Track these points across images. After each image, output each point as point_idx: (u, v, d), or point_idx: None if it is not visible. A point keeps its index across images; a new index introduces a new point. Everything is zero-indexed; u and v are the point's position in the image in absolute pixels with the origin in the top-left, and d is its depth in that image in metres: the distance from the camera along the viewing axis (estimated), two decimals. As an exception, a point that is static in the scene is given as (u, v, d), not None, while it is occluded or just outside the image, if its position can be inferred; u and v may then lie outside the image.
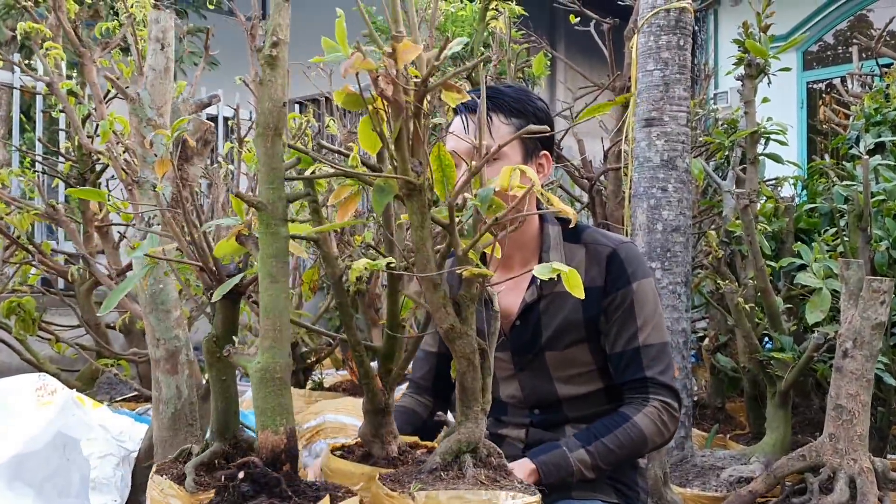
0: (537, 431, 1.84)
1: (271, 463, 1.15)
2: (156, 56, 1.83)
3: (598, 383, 1.81)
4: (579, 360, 1.79)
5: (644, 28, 3.17)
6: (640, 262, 1.80)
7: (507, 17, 3.35)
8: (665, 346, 1.77)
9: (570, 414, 1.81)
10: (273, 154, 1.19)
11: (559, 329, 1.77)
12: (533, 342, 1.80)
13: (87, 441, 1.94)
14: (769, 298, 2.82)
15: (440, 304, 1.22)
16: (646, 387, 1.73)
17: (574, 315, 1.76)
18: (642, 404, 1.72)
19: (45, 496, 1.98)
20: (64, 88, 2.79)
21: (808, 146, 8.80)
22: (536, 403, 1.85)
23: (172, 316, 1.88)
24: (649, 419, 1.70)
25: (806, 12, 8.84)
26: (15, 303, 2.75)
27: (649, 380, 1.73)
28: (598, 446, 1.67)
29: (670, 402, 1.74)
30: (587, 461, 1.65)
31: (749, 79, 3.22)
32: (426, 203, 1.18)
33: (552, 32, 9.73)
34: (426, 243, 1.19)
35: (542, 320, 1.79)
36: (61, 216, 2.79)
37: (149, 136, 1.81)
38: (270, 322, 1.18)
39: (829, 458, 2.15)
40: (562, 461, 1.64)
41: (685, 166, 3.13)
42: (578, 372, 1.80)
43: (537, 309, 1.79)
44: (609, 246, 1.79)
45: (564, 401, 1.81)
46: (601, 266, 1.76)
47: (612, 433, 1.69)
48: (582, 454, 1.66)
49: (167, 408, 1.89)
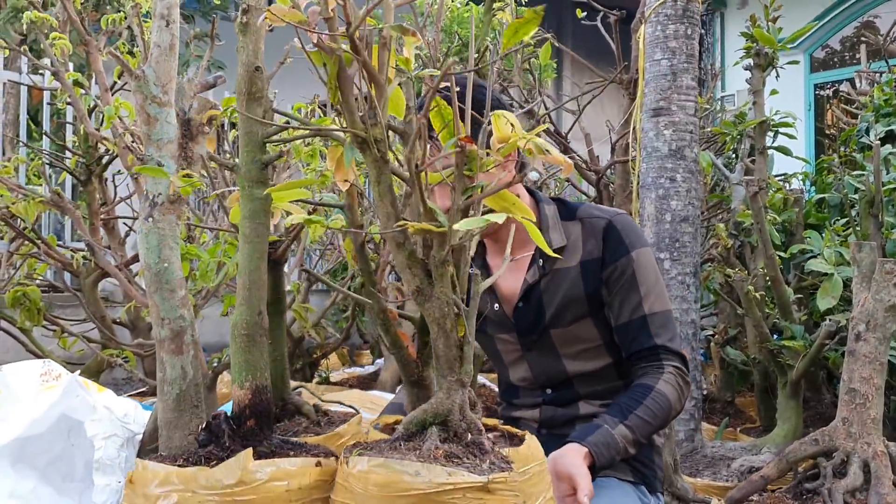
0: (549, 408, 1.81)
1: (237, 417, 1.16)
2: (161, 32, 1.81)
3: (607, 358, 1.78)
4: (585, 335, 1.77)
5: (651, 18, 3.16)
6: (636, 232, 1.78)
7: (512, 9, 3.34)
8: (669, 313, 1.75)
9: (581, 390, 1.79)
10: (248, 118, 1.17)
11: (562, 305, 1.75)
12: (537, 322, 1.78)
13: (91, 422, 1.91)
14: (779, 287, 2.80)
15: (405, 264, 1.17)
16: (658, 355, 1.71)
17: (575, 290, 1.74)
18: (659, 372, 1.69)
19: (48, 479, 1.96)
20: (70, 79, 2.78)
21: (815, 148, 8.78)
22: (547, 382, 1.82)
23: (177, 295, 1.85)
24: (671, 386, 1.67)
25: (811, 15, 8.83)
26: (20, 292, 2.74)
27: (660, 347, 1.70)
28: (633, 420, 1.62)
29: (682, 367, 1.72)
30: (629, 436, 1.60)
31: (758, 68, 3.21)
32: (380, 156, 1.14)
33: (559, 29, 9.72)
34: (384, 199, 1.16)
35: (545, 298, 1.77)
36: (66, 204, 2.78)
37: (153, 113, 1.80)
38: (243, 280, 1.17)
39: (843, 443, 2.13)
40: (609, 440, 1.58)
41: (693, 156, 3.11)
42: (585, 348, 1.78)
43: (538, 288, 1.77)
44: (604, 217, 1.77)
45: (574, 377, 1.79)
46: (598, 238, 1.75)
47: (642, 405, 1.64)
48: (623, 430, 1.60)
49: (172, 388, 1.87)
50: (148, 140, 1.81)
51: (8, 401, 1.97)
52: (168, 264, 1.84)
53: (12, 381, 2.02)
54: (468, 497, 1.08)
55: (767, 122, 3.16)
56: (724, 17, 9.19)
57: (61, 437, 2.05)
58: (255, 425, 1.18)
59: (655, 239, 3.09)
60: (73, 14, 2.64)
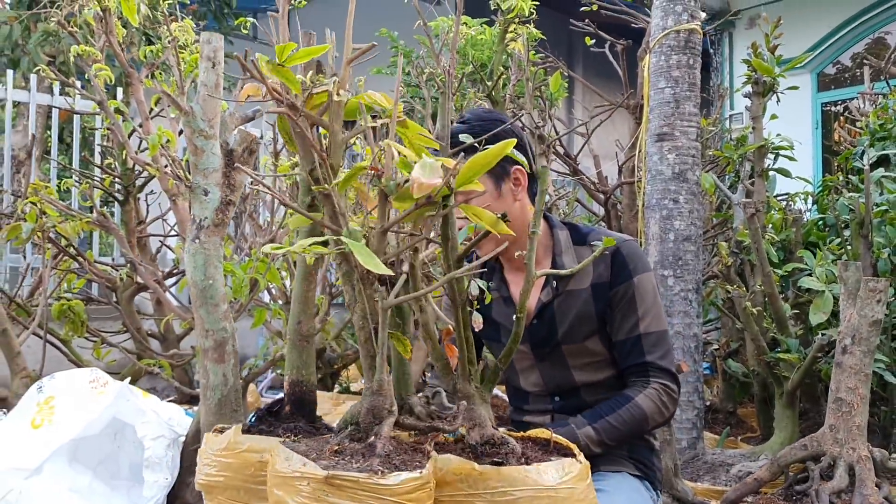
0: (561, 417, 1.99)
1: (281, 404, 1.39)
2: (207, 73, 2.01)
3: (612, 370, 1.97)
4: (593, 349, 1.95)
5: (655, 48, 3.35)
6: (640, 258, 1.96)
7: (525, 39, 3.53)
8: (664, 333, 1.93)
9: (587, 398, 1.97)
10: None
11: (573, 324, 1.93)
12: (550, 337, 1.96)
13: (141, 424, 2.10)
14: (776, 303, 2.97)
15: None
16: (646, 371, 1.89)
17: (586, 309, 1.92)
18: (643, 386, 1.88)
19: (100, 477, 2.16)
20: (112, 106, 2.99)
21: (823, 166, 8.91)
22: (556, 390, 2.01)
23: (220, 309, 2.04)
24: (650, 399, 1.86)
25: (820, 34, 8.99)
26: (65, 305, 2.94)
27: (650, 364, 1.89)
28: (602, 424, 1.84)
29: (669, 384, 1.90)
30: (593, 437, 1.82)
31: (756, 96, 3.39)
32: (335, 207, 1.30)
33: (570, 55, 9.95)
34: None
35: (557, 317, 1.95)
36: (110, 224, 2.99)
37: (200, 145, 1.99)
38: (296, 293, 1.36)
39: (830, 448, 2.29)
40: (570, 436, 1.78)
41: (696, 178, 3.29)
42: (592, 360, 1.96)
43: (552, 307, 1.95)
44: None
45: (582, 387, 1.97)
46: (607, 263, 1.92)
47: (615, 412, 1.86)
48: (588, 430, 1.83)
49: (214, 394, 2.05)
50: (195, 169, 2.01)
51: (63, 405, 2.16)
52: (213, 281, 2.04)
53: (66, 388, 2.21)
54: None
55: (766, 147, 3.33)
56: (733, 38, 9.37)
57: (110, 439, 2.24)
58: (290, 411, 1.39)
59: (659, 257, 3.26)
60: (117, 48, 2.85)
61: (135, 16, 2.85)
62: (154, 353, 3.14)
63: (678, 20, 3.30)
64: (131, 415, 2.14)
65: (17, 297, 3.21)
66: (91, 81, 3.01)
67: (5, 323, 2.74)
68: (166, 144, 2.65)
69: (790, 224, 3.49)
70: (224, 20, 9.34)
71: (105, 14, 2.82)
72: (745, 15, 9.20)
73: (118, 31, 2.95)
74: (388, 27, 6.11)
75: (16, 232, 2.81)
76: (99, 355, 3.42)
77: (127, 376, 3.27)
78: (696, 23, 3.30)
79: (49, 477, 1.99)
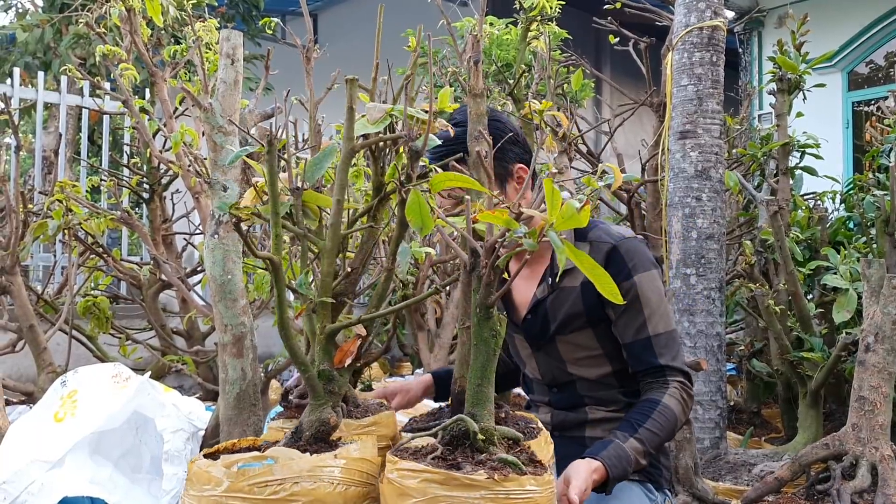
0: (560, 413, 1.99)
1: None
2: (226, 70, 2.03)
3: (607, 367, 1.94)
4: (586, 344, 1.94)
5: (678, 46, 3.33)
6: (640, 256, 1.91)
7: (547, 37, 3.52)
8: (672, 332, 1.90)
9: (583, 393, 1.96)
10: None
11: (564, 320, 1.93)
12: (543, 332, 1.96)
13: (161, 418, 2.12)
14: (800, 302, 2.94)
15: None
16: (663, 373, 1.87)
17: (576, 307, 1.91)
18: (664, 387, 1.85)
19: (121, 470, 2.18)
20: (137, 105, 3.03)
21: (853, 165, 8.79)
22: (553, 382, 2.00)
23: (239, 304, 2.06)
24: (675, 399, 1.84)
25: (850, 33, 8.87)
26: (91, 302, 2.98)
27: (665, 367, 1.86)
28: (643, 433, 1.78)
29: (686, 382, 1.88)
30: (640, 448, 1.76)
31: (781, 93, 3.35)
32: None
33: (598, 55, 9.92)
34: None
35: (549, 314, 1.95)
36: (135, 221, 3.03)
37: (219, 141, 2.01)
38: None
39: (852, 447, 2.27)
40: (621, 453, 1.73)
41: (719, 177, 3.26)
42: (587, 355, 1.94)
43: (545, 304, 1.95)
44: (609, 242, 1.91)
45: (577, 380, 1.96)
46: (601, 261, 1.87)
47: (650, 418, 1.80)
48: (634, 443, 1.76)
49: (233, 388, 2.07)
50: (214, 165, 2.03)
51: (85, 398, 2.18)
52: (231, 276, 2.06)
53: (88, 382, 2.24)
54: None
55: (790, 144, 3.30)
56: (762, 37, 9.27)
57: (131, 433, 2.27)
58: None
59: (682, 255, 3.24)
60: (142, 48, 2.89)
61: (159, 16, 2.88)
62: (179, 349, 3.17)
63: (701, 17, 3.28)
64: (152, 409, 2.16)
65: (45, 295, 3.26)
66: (117, 82, 3.05)
67: (32, 319, 2.78)
68: (189, 142, 2.68)
69: (815, 223, 3.45)
70: (252, 22, 9.42)
71: (130, 14, 2.86)
72: (774, 14, 9.11)
73: (143, 32, 2.99)
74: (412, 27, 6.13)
75: (42, 229, 2.86)
76: (125, 352, 3.46)
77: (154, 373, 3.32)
78: (720, 19, 3.27)
79: (71, 469, 2.02)
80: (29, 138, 7.82)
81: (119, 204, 3.05)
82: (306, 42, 2.00)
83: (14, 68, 5.33)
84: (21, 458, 1.99)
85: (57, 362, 2.82)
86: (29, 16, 8.36)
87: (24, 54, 7.83)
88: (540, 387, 2.05)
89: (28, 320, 2.78)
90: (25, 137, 7.96)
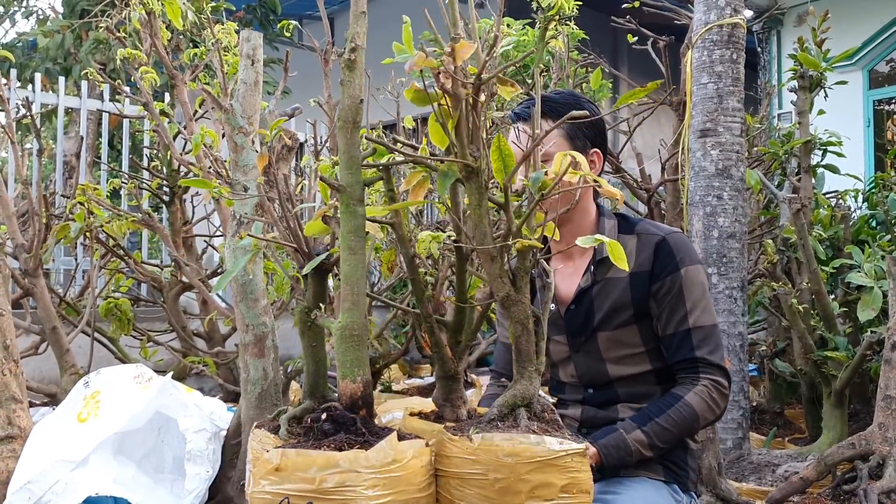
0: (590, 409, 1.97)
1: (349, 407, 1.33)
2: (247, 71, 2.04)
3: (647, 365, 1.93)
4: (628, 341, 1.92)
5: (698, 43, 3.31)
6: (688, 250, 1.92)
7: (565, 37, 3.51)
8: (714, 327, 1.88)
9: (621, 392, 1.94)
10: (352, 143, 1.37)
11: (609, 311, 1.91)
12: (586, 324, 1.94)
13: (183, 418, 2.13)
14: (823, 300, 2.91)
15: (497, 274, 1.37)
16: (696, 367, 1.85)
17: (623, 297, 1.89)
18: (693, 383, 1.83)
19: (144, 470, 2.19)
20: (157, 108, 3.05)
21: (875, 164, 8.71)
22: (590, 382, 1.98)
23: (260, 304, 2.07)
24: (700, 397, 1.82)
25: (871, 30, 8.79)
26: (112, 303, 3.00)
27: (699, 360, 1.84)
28: (652, 426, 1.79)
29: (720, 380, 1.85)
30: (644, 441, 1.77)
31: (802, 90, 3.33)
32: (483, 184, 1.34)
33: (615, 55, 9.88)
34: (483, 220, 1.36)
35: (595, 303, 1.93)
36: (155, 223, 3.05)
37: (240, 142, 2.02)
38: (349, 288, 1.36)
39: (879, 446, 2.24)
40: (620, 443, 1.76)
41: (740, 175, 3.24)
42: (628, 353, 1.93)
43: (590, 293, 1.93)
44: (658, 234, 1.92)
45: (616, 380, 1.94)
46: (650, 253, 1.89)
47: (665, 413, 1.81)
48: (638, 434, 1.78)
49: (254, 388, 2.08)
50: (235, 166, 2.04)
51: (108, 399, 2.20)
52: (252, 276, 2.06)
53: (111, 383, 2.25)
54: (575, 461, 1.33)
55: (812, 142, 3.27)
56: (781, 36, 9.20)
57: (154, 434, 2.28)
58: (366, 414, 1.36)
59: (703, 255, 3.22)
60: (162, 51, 2.90)
61: (179, 19, 2.90)
62: (200, 351, 3.18)
63: (721, 14, 3.26)
64: (174, 409, 2.17)
65: (67, 297, 3.28)
66: (137, 85, 3.07)
67: (55, 321, 2.80)
68: (209, 144, 2.69)
69: (838, 221, 3.42)
70: (269, 26, 9.47)
71: (150, 17, 2.87)
72: (794, 12, 9.05)
73: (163, 35, 3.00)
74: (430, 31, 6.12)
75: (64, 232, 2.88)
76: (146, 354, 3.48)
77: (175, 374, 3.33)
78: (740, 17, 3.25)
79: (94, 469, 2.03)
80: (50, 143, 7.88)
81: (140, 206, 3.07)
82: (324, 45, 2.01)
83: (35, 74, 5.38)
84: (45, 458, 2.00)
85: (79, 364, 2.84)
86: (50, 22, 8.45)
87: (45, 60, 7.90)
88: (575, 389, 2.03)
89: (51, 322, 2.79)
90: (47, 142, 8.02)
